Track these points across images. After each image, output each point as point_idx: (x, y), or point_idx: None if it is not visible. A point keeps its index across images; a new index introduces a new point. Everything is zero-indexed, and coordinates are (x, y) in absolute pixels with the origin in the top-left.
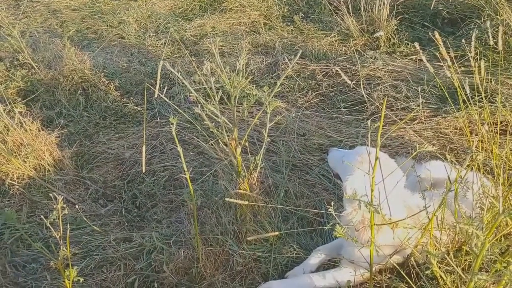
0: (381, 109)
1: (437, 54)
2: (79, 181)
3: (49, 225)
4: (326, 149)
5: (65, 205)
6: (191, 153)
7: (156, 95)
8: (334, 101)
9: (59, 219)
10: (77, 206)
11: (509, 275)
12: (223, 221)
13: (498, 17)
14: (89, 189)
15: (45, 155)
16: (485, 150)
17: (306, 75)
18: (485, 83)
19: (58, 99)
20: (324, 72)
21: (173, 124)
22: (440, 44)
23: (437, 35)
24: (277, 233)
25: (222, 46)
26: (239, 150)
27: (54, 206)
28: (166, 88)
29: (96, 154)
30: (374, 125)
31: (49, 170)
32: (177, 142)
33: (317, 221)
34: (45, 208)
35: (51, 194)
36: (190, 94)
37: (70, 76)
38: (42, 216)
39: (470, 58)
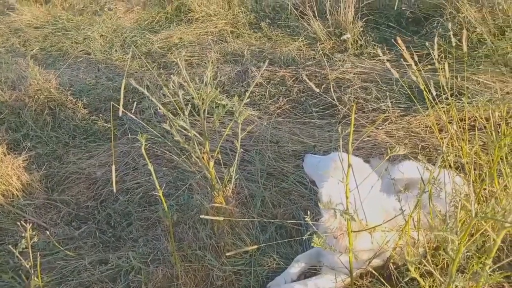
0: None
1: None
2: (50, 204)
3: (18, 255)
4: (300, 156)
5: (35, 231)
6: (164, 168)
7: (120, 114)
8: (306, 106)
9: (28, 247)
10: (48, 232)
11: (486, 276)
12: (201, 236)
13: (460, 14)
14: (61, 212)
15: (12, 180)
16: (456, 147)
17: (276, 82)
18: (451, 80)
19: (24, 120)
20: (294, 78)
21: (142, 142)
22: (403, 50)
23: (399, 41)
24: (255, 246)
25: (190, 57)
26: (212, 163)
27: (23, 234)
28: (135, 103)
29: (66, 175)
30: (345, 131)
31: (17, 195)
32: (147, 160)
33: (296, 229)
34: (15, 235)
35: (18, 223)
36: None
37: (36, 96)
38: (10, 247)
39: (435, 60)
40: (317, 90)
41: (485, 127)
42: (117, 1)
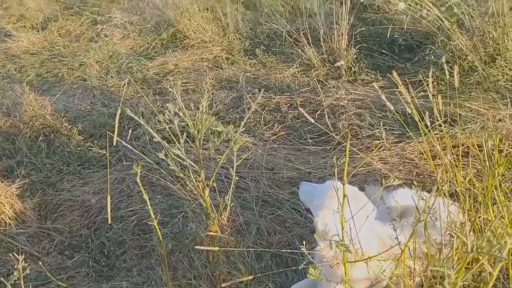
0: (347, 138)
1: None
2: (43, 232)
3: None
4: (295, 182)
5: (28, 261)
6: (158, 196)
7: (114, 143)
8: (301, 133)
9: (21, 279)
10: (40, 262)
11: None
12: (196, 265)
13: (451, 42)
14: (54, 241)
15: (5, 208)
16: (450, 174)
17: (271, 108)
18: (444, 107)
19: (19, 147)
20: (288, 104)
21: (137, 172)
22: (399, 84)
23: (395, 74)
24: (250, 277)
25: (185, 83)
26: (207, 192)
27: (15, 266)
28: (130, 129)
29: (60, 202)
30: (340, 161)
31: (10, 224)
32: (143, 191)
33: (291, 257)
34: (7, 265)
35: (10, 255)
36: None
37: (31, 123)
38: (2, 278)
39: (429, 93)
40: (312, 120)
41: (478, 155)
42: (113, 27)
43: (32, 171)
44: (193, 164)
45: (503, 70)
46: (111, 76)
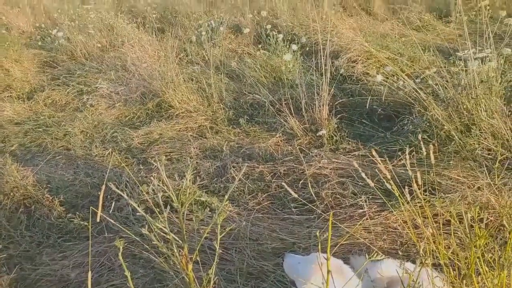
0: (330, 207)
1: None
2: None
3: None
4: (280, 253)
5: None
6: (141, 270)
7: (98, 220)
8: (284, 202)
9: None
10: None
11: None
12: None
13: (428, 112)
14: None
15: None
16: (432, 246)
17: (255, 177)
18: (423, 176)
19: None
20: (272, 173)
21: (119, 247)
22: (379, 162)
23: (373, 152)
24: None
25: (170, 152)
26: (190, 266)
27: None
28: (114, 201)
29: (38, 277)
30: (323, 235)
31: None
32: (124, 267)
33: None
34: None
35: None
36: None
37: (12, 194)
38: None
39: (408, 169)
40: (295, 194)
41: (459, 227)
42: (99, 97)
43: (10, 244)
44: (177, 238)
45: (478, 139)
46: (96, 146)
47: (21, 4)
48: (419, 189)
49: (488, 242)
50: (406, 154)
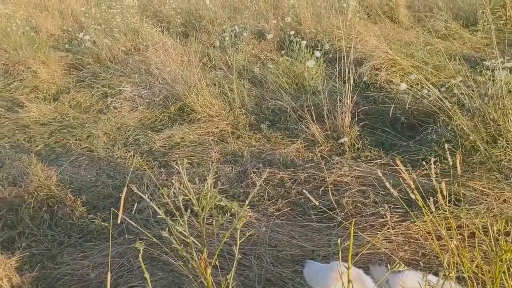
0: (351, 215)
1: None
2: None
3: None
4: (299, 260)
5: None
6: (160, 272)
7: (119, 221)
8: (304, 209)
9: None
10: None
11: None
12: None
13: (453, 122)
14: None
15: (2, 282)
16: (456, 258)
17: (275, 183)
18: (447, 186)
19: (21, 217)
20: (292, 179)
21: (139, 249)
22: (403, 171)
23: (397, 161)
24: None
25: (191, 156)
26: (209, 270)
27: None
28: (136, 203)
29: (59, 277)
30: (344, 243)
31: None
32: (144, 268)
33: None
34: None
35: None
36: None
37: (36, 193)
38: None
39: (432, 179)
40: (316, 202)
41: (484, 240)
42: (123, 100)
43: (33, 243)
44: (196, 242)
45: (505, 150)
46: (118, 148)
47: (50, 8)
48: (443, 199)
49: None
50: (430, 164)
